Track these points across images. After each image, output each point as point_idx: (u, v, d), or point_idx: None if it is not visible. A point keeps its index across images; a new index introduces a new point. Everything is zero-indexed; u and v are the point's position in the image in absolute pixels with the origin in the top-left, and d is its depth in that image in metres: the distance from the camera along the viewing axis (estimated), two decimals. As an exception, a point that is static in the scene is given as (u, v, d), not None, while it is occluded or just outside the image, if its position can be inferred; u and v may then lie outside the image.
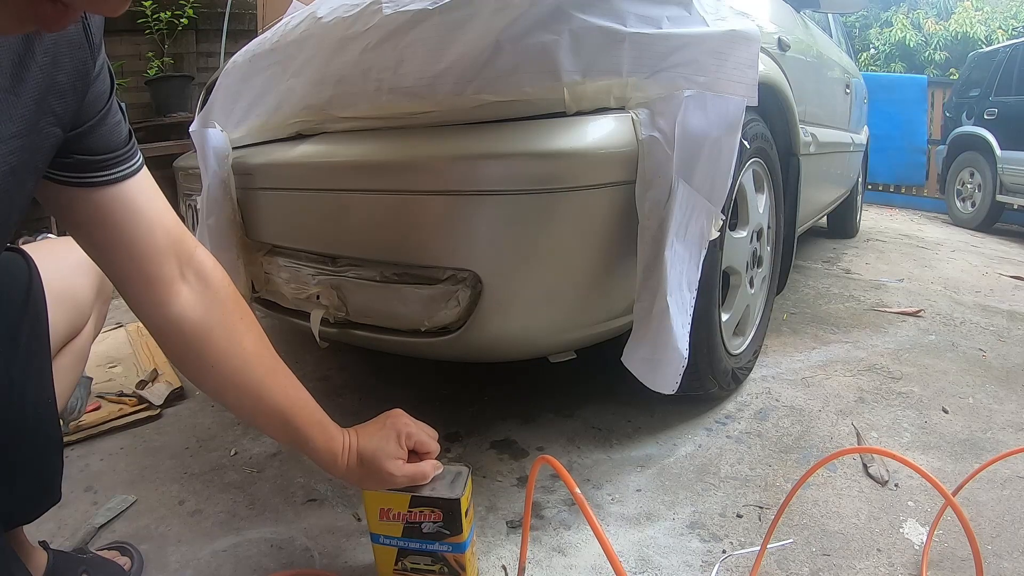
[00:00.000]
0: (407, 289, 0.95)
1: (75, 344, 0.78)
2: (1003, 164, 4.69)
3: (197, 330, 0.66)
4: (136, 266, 0.63)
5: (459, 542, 0.74)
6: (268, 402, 0.70)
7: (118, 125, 0.59)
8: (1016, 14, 9.18)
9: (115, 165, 0.59)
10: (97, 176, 0.58)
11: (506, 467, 1.11)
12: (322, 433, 0.73)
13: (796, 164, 1.60)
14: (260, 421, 0.71)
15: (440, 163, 0.87)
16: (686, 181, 0.90)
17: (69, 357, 0.77)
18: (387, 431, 0.75)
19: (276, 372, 0.71)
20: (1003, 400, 1.41)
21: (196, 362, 0.67)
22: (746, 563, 0.86)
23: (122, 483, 1.09)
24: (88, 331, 0.80)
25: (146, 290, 0.64)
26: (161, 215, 0.64)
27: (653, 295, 0.92)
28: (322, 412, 0.75)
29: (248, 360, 0.69)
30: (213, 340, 0.67)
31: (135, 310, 0.66)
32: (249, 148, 1.19)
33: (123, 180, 0.60)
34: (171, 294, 0.65)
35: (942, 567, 0.86)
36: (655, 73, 0.90)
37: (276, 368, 0.71)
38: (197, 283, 0.67)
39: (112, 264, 0.63)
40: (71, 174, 0.57)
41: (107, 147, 0.58)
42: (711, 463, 1.12)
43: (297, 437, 0.72)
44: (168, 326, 0.65)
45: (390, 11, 0.92)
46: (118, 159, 0.59)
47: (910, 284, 2.56)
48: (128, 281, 0.64)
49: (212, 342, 0.67)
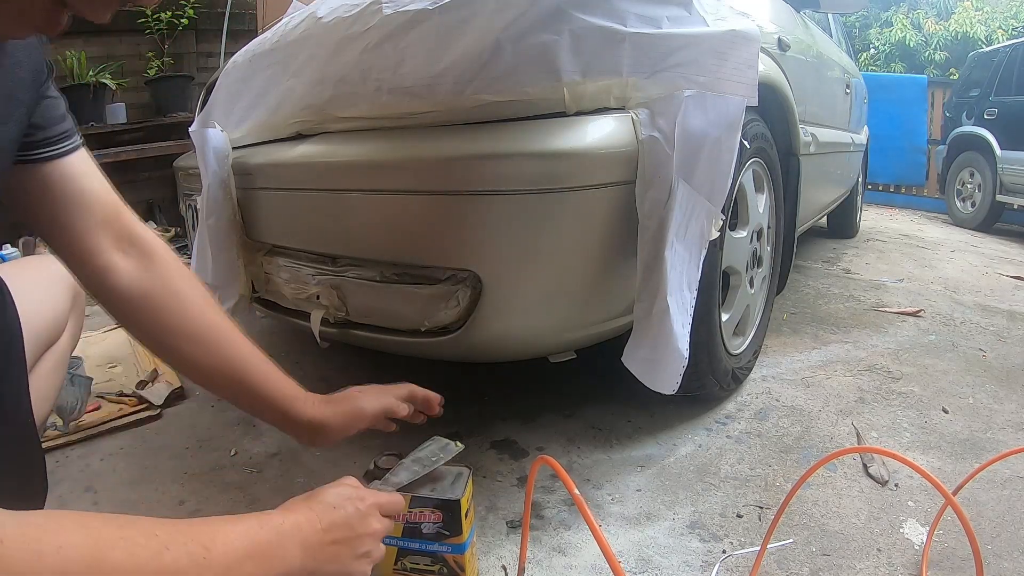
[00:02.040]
0: (407, 289, 0.95)
1: (55, 349, 0.81)
2: (1003, 164, 4.69)
3: (141, 295, 0.69)
4: (77, 238, 0.67)
5: (459, 543, 0.74)
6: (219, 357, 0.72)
7: (56, 100, 0.64)
8: (1016, 14, 9.17)
9: (56, 143, 0.64)
10: (40, 152, 0.63)
11: (506, 467, 1.11)
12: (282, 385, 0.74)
13: (796, 164, 1.60)
14: (216, 381, 0.73)
15: (440, 163, 0.87)
16: (686, 181, 0.90)
17: (50, 361, 0.80)
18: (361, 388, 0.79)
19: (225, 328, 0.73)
20: (1003, 400, 1.41)
21: (145, 327, 0.71)
22: (746, 563, 0.86)
23: (122, 483, 1.09)
24: (66, 337, 0.84)
25: (88, 261, 0.68)
26: (99, 192, 0.68)
27: (653, 295, 0.92)
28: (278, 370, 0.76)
29: (196, 316, 0.71)
30: (158, 303, 0.70)
31: (82, 283, 0.70)
32: (249, 148, 1.19)
33: (63, 156, 0.65)
34: (111, 264, 0.69)
35: (942, 567, 0.86)
36: (655, 73, 0.90)
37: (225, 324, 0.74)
38: (136, 253, 0.71)
39: (56, 239, 0.67)
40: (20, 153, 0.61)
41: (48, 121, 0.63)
42: (711, 463, 1.12)
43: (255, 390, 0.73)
44: (111, 295, 0.69)
45: (390, 11, 0.92)
46: (59, 137, 0.65)
47: (910, 284, 2.56)
48: (71, 254, 0.68)
49: (157, 305, 0.70)
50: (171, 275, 0.72)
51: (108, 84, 3.31)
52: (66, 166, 0.65)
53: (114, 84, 3.37)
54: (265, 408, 0.74)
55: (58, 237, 0.67)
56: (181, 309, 0.71)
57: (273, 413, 0.74)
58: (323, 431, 0.76)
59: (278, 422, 0.75)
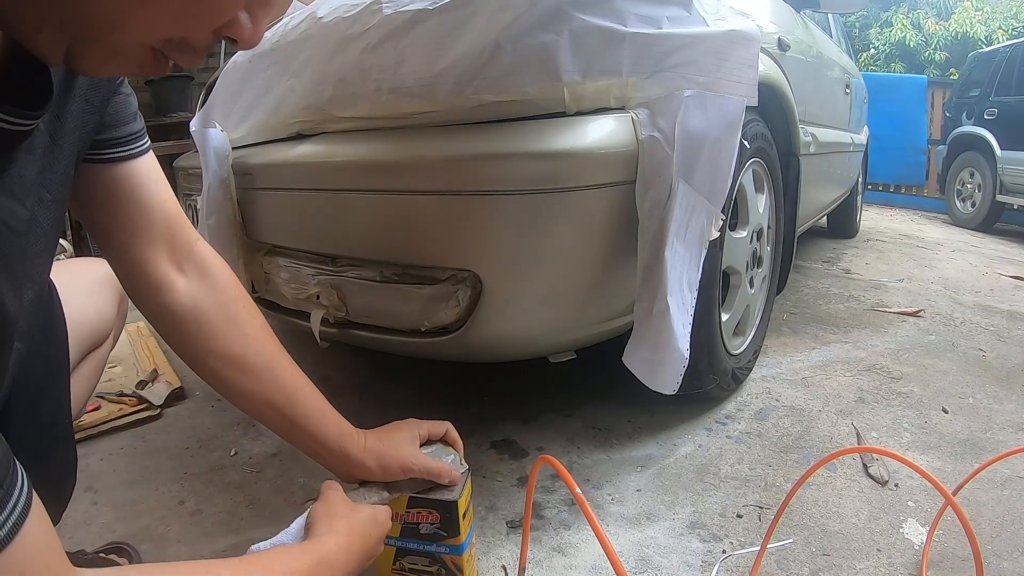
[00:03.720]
0: (407, 289, 0.95)
1: (97, 353, 0.81)
2: (1003, 164, 4.69)
3: (194, 316, 0.66)
4: (135, 249, 0.64)
5: (456, 544, 0.74)
6: (270, 387, 0.69)
7: (129, 97, 0.60)
8: (1016, 14, 9.18)
9: (127, 143, 0.60)
10: (107, 153, 0.59)
11: (506, 467, 1.11)
12: (331, 421, 0.71)
13: (796, 164, 1.60)
14: (261, 410, 0.70)
15: (440, 163, 0.87)
16: (686, 181, 0.90)
17: (90, 365, 0.80)
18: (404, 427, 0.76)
19: (280, 359, 0.70)
20: (1003, 400, 1.41)
21: (193, 347, 0.68)
22: (746, 563, 0.86)
23: (122, 483, 1.09)
24: (109, 342, 0.84)
25: (142, 274, 0.65)
26: (164, 202, 0.65)
27: (653, 295, 0.92)
28: (330, 405, 0.73)
29: (249, 345, 0.68)
30: (211, 326, 0.67)
31: (132, 297, 0.67)
32: (249, 148, 1.19)
33: (131, 159, 0.61)
34: (167, 281, 0.66)
35: (942, 567, 0.86)
36: (655, 73, 0.90)
37: (279, 355, 0.71)
38: (195, 273, 0.67)
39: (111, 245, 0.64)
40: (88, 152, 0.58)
41: (118, 120, 0.59)
42: (711, 463, 1.12)
43: (300, 424, 0.70)
44: (162, 312, 0.66)
45: (390, 11, 0.92)
46: (130, 138, 0.60)
47: (910, 284, 2.56)
48: (124, 263, 0.65)
49: (210, 328, 0.67)
50: (228, 299, 0.69)
51: (108, 84, 3.30)
52: (132, 170, 0.61)
53: (114, 84, 3.37)
54: (313, 445, 0.71)
55: (113, 244, 0.63)
56: (235, 336, 0.68)
57: (319, 450, 0.72)
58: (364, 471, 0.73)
59: (321, 459, 0.73)
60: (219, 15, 0.37)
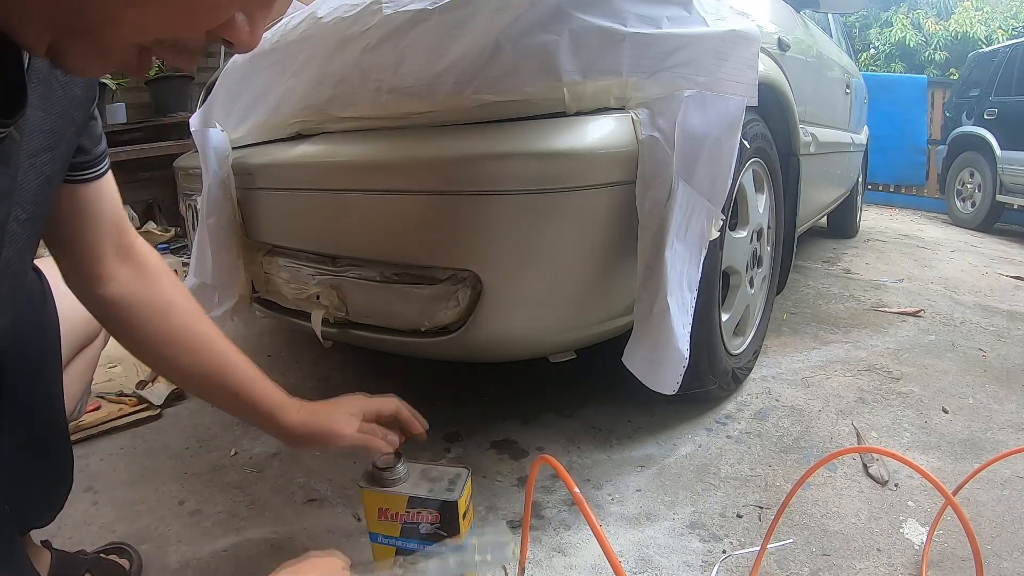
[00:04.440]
0: (407, 289, 0.95)
1: (88, 351, 0.82)
2: (1003, 164, 4.69)
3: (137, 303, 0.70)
4: (86, 248, 0.66)
5: (456, 544, 0.74)
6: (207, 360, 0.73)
7: (97, 120, 0.64)
8: (1016, 14, 9.17)
9: (96, 164, 0.64)
10: (81, 175, 0.62)
11: (506, 467, 1.11)
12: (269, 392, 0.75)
13: (796, 164, 1.60)
14: (200, 384, 0.74)
15: (440, 163, 0.87)
16: (686, 181, 0.90)
17: (83, 362, 0.81)
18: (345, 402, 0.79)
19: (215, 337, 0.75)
20: (1003, 400, 1.41)
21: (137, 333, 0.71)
22: (746, 563, 0.86)
23: (122, 483, 1.09)
24: (100, 339, 0.84)
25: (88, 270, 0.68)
26: (116, 211, 0.69)
27: (653, 295, 0.92)
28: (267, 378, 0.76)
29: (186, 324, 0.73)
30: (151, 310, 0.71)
31: (75, 291, 0.69)
32: (249, 148, 1.19)
33: (99, 178, 0.64)
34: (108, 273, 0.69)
35: (942, 567, 0.86)
36: (655, 73, 0.90)
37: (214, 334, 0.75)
38: (134, 266, 0.71)
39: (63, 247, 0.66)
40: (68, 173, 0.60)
41: (92, 142, 0.62)
42: (711, 463, 1.12)
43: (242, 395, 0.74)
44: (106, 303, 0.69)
45: (390, 11, 0.92)
46: (98, 159, 0.64)
47: (910, 284, 2.56)
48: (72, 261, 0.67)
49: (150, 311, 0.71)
50: (163, 285, 0.73)
51: (108, 84, 3.30)
52: (98, 187, 0.65)
53: (114, 84, 3.37)
54: (251, 413, 0.75)
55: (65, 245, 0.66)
56: (172, 318, 0.72)
57: (259, 418, 0.76)
58: (303, 441, 0.77)
59: (264, 427, 0.77)
60: (214, 16, 0.37)
